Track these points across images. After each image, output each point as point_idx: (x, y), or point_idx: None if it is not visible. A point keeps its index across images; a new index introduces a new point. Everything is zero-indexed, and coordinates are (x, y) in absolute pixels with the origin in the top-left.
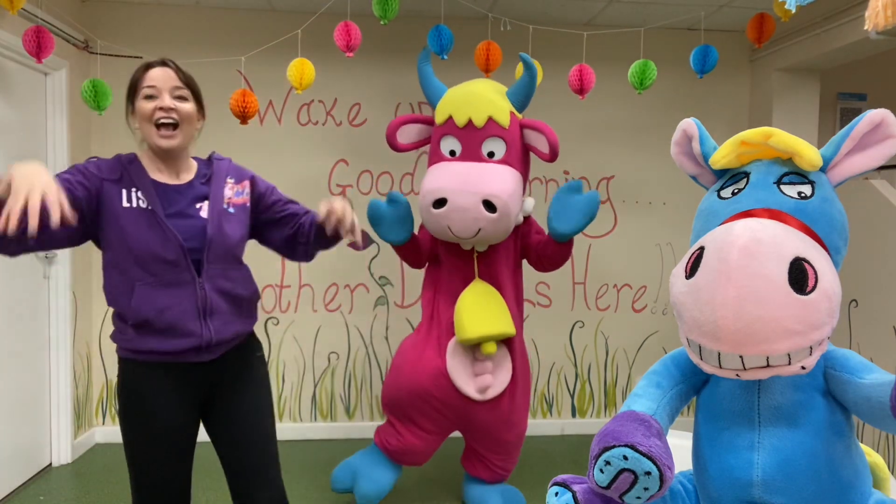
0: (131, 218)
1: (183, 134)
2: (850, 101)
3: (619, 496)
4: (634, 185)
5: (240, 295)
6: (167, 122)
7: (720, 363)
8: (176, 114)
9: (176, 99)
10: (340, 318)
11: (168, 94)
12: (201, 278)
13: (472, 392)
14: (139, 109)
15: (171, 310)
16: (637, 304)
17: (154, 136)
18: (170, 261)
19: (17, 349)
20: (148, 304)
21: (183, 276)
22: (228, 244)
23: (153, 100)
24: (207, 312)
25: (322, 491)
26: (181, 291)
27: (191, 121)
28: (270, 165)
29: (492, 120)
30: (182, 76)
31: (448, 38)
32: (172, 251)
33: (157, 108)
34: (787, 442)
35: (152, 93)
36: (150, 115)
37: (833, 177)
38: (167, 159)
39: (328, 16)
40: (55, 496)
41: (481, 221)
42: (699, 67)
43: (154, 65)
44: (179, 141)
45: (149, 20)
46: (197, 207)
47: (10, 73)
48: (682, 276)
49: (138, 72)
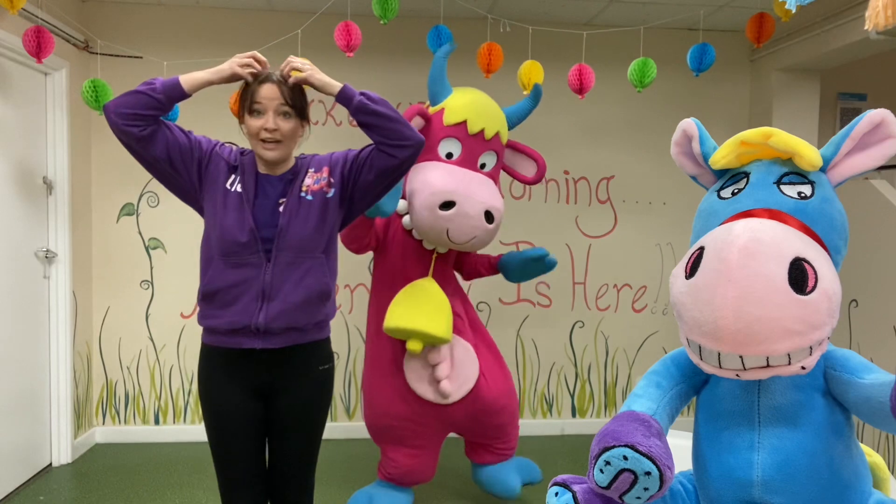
0: (227, 199)
1: (285, 147)
2: (850, 101)
3: (619, 496)
4: (634, 185)
5: (308, 285)
6: (270, 140)
7: (720, 363)
8: (279, 133)
9: (280, 116)
10: (340, 318)
11: (273, 112)
12: (270, 263)
13: (434, 398)
14: (248, 125)
15: (236, 287)
16: (637, 304)
17: (259, 147)
18: (243, 243)
19: (17, 349)
20: (219, 278)
21: (253, 258)
22: (301, 234)
23: (260, 117)
24: (268, 296)
25: (322, 491)
26: (249, 272)
27: (292, 136)
28: None
29: (498, 135)
30: (287, 94)
31: (448, 38)
32: (245, 234)
33: (262, 128)
34: (787, 442)
35: (259, 109)
36: (256, 133)
37: (833, 177)
38: (271, 163)
39: (328, 16)
40: (55, 496)
41: (479, 230)
42: (696, 66)
43: (264, 81)
44: (280, 154)
45: (149, 20)
46: (279, 203)
47: (10, 73)
48: (682, 276)
49: (252, 84)
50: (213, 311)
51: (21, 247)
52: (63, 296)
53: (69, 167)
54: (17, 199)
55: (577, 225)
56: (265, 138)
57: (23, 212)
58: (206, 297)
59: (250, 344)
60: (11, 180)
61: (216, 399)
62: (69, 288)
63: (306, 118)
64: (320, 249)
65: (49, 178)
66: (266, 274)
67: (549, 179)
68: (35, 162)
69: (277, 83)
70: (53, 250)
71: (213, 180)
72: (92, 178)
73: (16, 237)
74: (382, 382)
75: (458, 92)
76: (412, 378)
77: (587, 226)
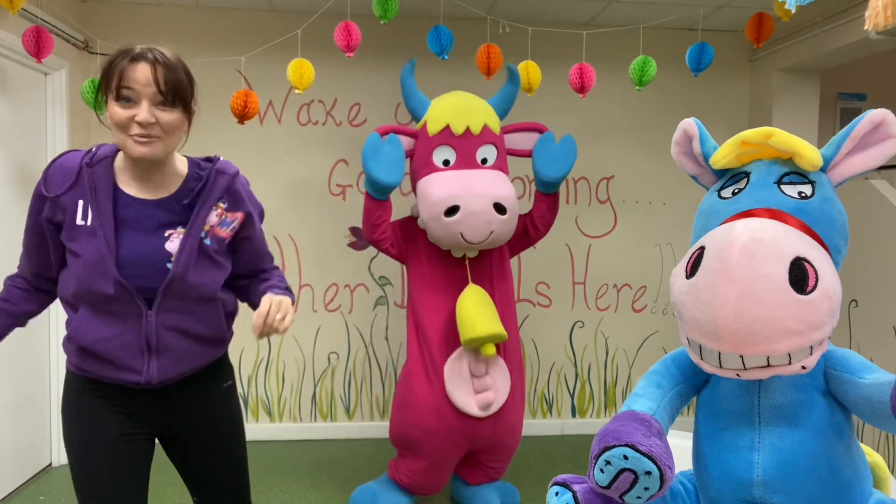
0: (82, 237)
1: (163, 144)
2: (850, 101)
3: (619, 496)
4: (634, 185)
5: (200, 333)
6: (143, 139)
7: (720, 363)
8: (157, 128)
9: (157, 106)
10: (340, 318)
11: (148, 101)
12: (151, 311)
13: (475, 410)
14: (112, 114)
15: (110, 342)
16: (637, 304)
17: (128, 143)
18: (108, 295)
19: (17, 349)
20: (87, 331)
21: (124, 308)
22: (199, 283)
23: (130, 106)
24: (153, 350)
25: (322, 491)
26: (124, 324)
27: (174, 130)
28: (270, 165)
29: (487, 127)
30: (167, 76)
31: (447, 38)
32: (111, 286)
33: (132, 121)
34: (788, 442)
35: (129, 96)
36: (125, 125)
37: (833, 177)
38: (144, 166)
39: (328, 16)
40: (55, 496)
41: (493, 224)
42: (694, 66)
43: (137, 59)
44: (157, 151)
45: (149, 20)
46: (165, 235)
47: (10, 73)
48: (683, 275)
49: (118, 61)
50: (89, 363)
51: (21, 247)
52: None
53: None
54: (17, 199)
55: (577, 225)
56: (137, 135)
57: (23, 212)
58: (76, 350)
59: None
60: (11, 180)
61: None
62: None
63: (191, 108)
64: (212, 296)
65: None
66: (146, 323)
67: None
68: (35, 162)
69: (153, 63)
70: None
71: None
72: None
73: (15, 237)
74: (417, 393)
75: (435, 101)
76: (454, 389)
77: (587, 226)
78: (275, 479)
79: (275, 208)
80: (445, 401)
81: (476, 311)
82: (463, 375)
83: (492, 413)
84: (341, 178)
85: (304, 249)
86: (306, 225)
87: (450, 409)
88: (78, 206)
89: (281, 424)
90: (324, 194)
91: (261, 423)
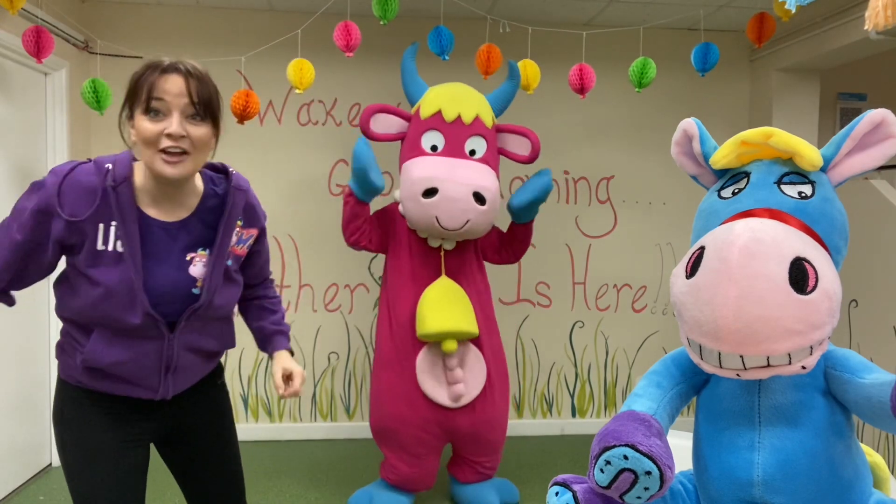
0: (104, 264)
1: (192, 162)
2: (850, 101)
3: (619, 496)
4: (634, 185)
5: (211, 350)
6: (175, 150)
7: (720, 363)
8: (187, 141)
9: (189, 120)
10: (340, 318)
11: (180, 114)
12: (173, 334)
13: (445, 400)
14: (141, 128)
15: (129, 364)
16: (637, 304)
17: (157, 161)
18: (135, 325)
19: (17, 349)
20: (104, 355)
21: (150, 332)
22: (222, 304)
23: (160, 119)
24: (171, 369)
25: (322, 491)
26: (146, 346)
27: (203, 146)
28: (271, 165)
29: (479, 118)
30: (199, 90)
31: (448, 38)
32: (139, 317)
33: (163, 134)
34: (788, 442)
35: (160, 108)
36: (153, 140)
37: (833, 177)
38: (168, 186)
39: (328, 16)
40: (55, 496)
41: (470, 213)
42: (700, 66)
43: (169, 71)
44: (187, 170)
45: (149, 20)
46: (188, 259)
47: (10, 73)
48: (683, 275)
49: (148, 74)
50: (99, 382)
51: None
52: None
53: None
54: None
55: (577, 225)
56: (167, 148)
57: None
58: (86, 368)
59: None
60: (11, 180)
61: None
62: None
63: (219, 126)
64: (229, 314)
65: None
66: (168, 346)
67: None
68: (35, 162)
69: (186, 74)
70: None
71: (78, 242)
72: None
73: None
74: (390, 385)
75: (433, 87)
76: (426, 380)
77: (587, 226)
78: (275, 479)
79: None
80: (417, 391)
81: (436, 306)
82: (435, 367)
83: (465, 405)
84: (341, 178)
85: (304, 249)
86: (306, 225)
87: (422, 399)
88: (99, 230)
89: (281, 424)
90: (324, 194)
91: (261, 423)
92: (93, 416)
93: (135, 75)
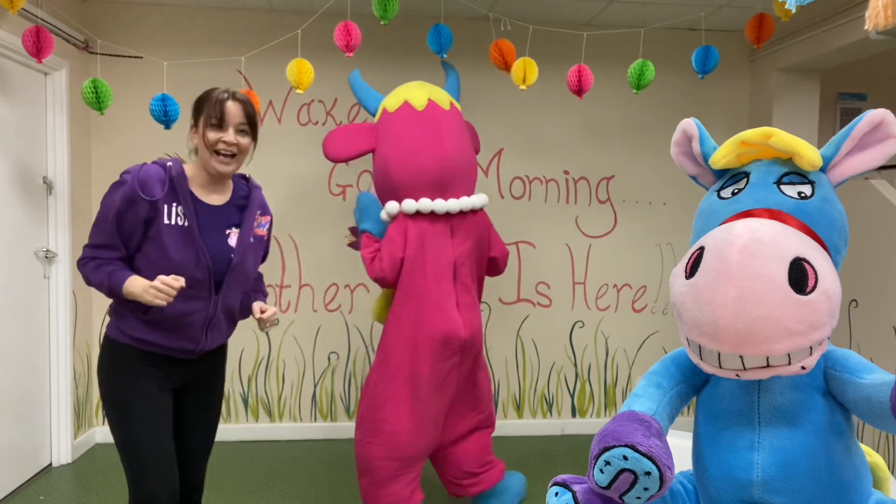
0: (172, 234)
1: (236, 163)
2: (850, 101)
3: (619, 496)
4: (634, 185)
5: (236, 314)
6: (227, 153)
7: (720, 363)
8: (236, 147)
9: (238, 133)
10: (340, 318)
11: (234, 129)
12: (217, 296)
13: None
14: (206, 137)
15: (185, 318)
16: (637, 304)
17: (212, 160)
18: (198, 279)
19: (17, 349)
20: (170, 308)
21: (203, 292)
22: (247, 272)
23: (219, 131)
24: (211, 325)
25: (322, 491)
26: (199, 304)
27: (245, 153)
28: (271, 165)
29: (454, 106)
30: (247, 112)
31: (448, 37)
32: (202, 271)
33: (220, 141)
34: (787, 442)
35: (221, 124)
36: (213, 145)
37: (833, 177)
38: (215, 181)
39: (328, 16)
40: (55, 496)
41: None
42: (700, 68)
43: (229, 98)
44: (234, 168)
45: (149, 20)
46: (227, 234)
47: (10, 73)
48: (682, 276)
49: (213, 100)
50: (152, 332)
51: (21, 247)
52: (63, 296)
53: (69, 167)
54: (17, 199)
55: (577, 225)
56: (222, 150)
57: (23, 212)
58: (151, 321)
59: (184, 356)
60: (11, 180)
61: (139, 390)
62: (69, 288)
63: (257, 139)
64: (251, 281)
65: (49, 178)
66: (213, 306)
67: (549, 179)
68: (35, 162)
69: (241, 102)
70: (53, 250)
71: (148, 220)
72: (92, 178)
73: (16, 237)
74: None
75: None
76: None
77: (587, 226)
78: (275, 479)
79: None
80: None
81: None
82: None
83: None
84: (341, 178)
85: (304, 249)
86: (306, 225)
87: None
88: (166, 209)
89: (281, 424)
90: (324, 194)
91: (261, 423)
92: (137, 367)
93: (204, 97)
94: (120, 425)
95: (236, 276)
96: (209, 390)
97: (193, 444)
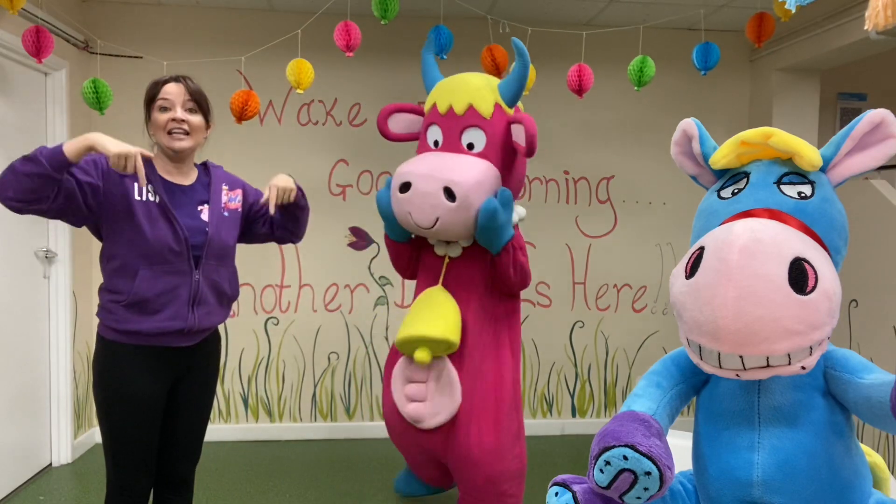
0: (143, 210)
1: (192, 139)
2: (850, 101)
3: (619, 496)
4: (634, 185)
5: (225, 291)
6: (179, 131)
7: (720, 363)
8: (186, 124)
9: (187, 111)
10: (340, 318)
11: (180, 107)
12: (198, 271)
13: (408, 418)
14: (155, 120)
15: (167, 294)
16: (637, 304)
17: (167, 140)
18: (176, 251)
19: (17, 349)
20: (148, 287)
21: (183, 266)
22: (224, 245)
23: (167, 112)
24: (197, 301)
25: (322, 491)
26: (179, 279)
27: (198, 130)
28: (270, 165)
29: (472, 108)
30: (192, 91)
31: (447, 38)
32: (179, 243)
33: (170, 120)
34: (787, 442)
35: (166, 105)
36: (164, 125)
37: (833, 177)
38: (177, 161)
39: (328, 16)
40: (55, 496)
41: (439, 209)
42: (702, 64)
43: (169, 80)
44: (189, 144)
45: (149, 20)
46: (198, 210)
47: (10, 73)
48: (682, 276)
49: (155, 87)
50: (138, 317)
51: (21, 247)
52: (63, 296)
53: None
54: None
55: (577, 225)
56: (174, 129)
57: None
58: (131, 306)
59: (176, 343)
60: None
61: (127, 390)
62: (69, 288)
63: (209, 118)
64: (232, 258)
65: None
66: (194, 280)
67: (549, 179)
68: None
69: (183, 81)
70: (53, 250)
71: (118, 196)
72: None
73: (16, 237)
74: (387, 390)
75: (442, 80)
76: (396, 391)
77: (587, 226)
78: (275, 479)
79: None
80: (392, 400)
81: (414, 313)
82: (399, 381)
83: (431, 428)
84: (341, 178)
85: (304, 249)
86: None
87: (395, 408)
88: (135, 186)
89: (281, 424)
90: (324, 194)
91: (261, 423)
92: (130, 364)
93: (149, 86)
94: (108, 417)
95: (214, 249)
96: (202, 380)
97: (181, 436)
